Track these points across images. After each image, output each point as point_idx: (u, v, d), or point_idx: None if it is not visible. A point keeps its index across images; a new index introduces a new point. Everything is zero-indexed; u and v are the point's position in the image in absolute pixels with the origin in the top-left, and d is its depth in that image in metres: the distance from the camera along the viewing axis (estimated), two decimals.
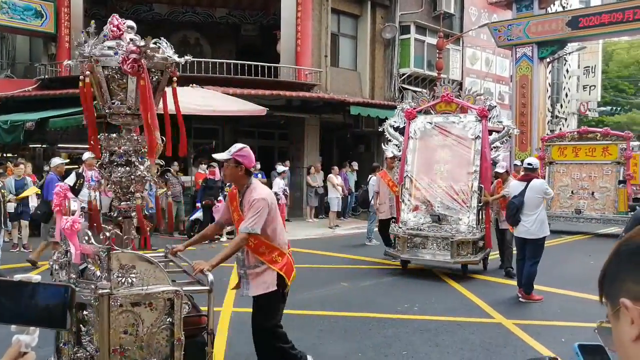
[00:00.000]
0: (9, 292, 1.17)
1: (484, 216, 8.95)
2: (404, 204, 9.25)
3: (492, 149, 9.22)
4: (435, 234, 8.64)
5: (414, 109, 9.80)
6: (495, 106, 9.30)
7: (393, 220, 9.60)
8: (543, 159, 14.57)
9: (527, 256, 7.25)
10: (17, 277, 1.18)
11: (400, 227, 8.97)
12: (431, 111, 9.95)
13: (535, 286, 7.51)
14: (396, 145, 10.07)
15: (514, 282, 8.20)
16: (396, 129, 10.13)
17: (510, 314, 6.58)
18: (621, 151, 13.63)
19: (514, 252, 7.89)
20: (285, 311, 6.68)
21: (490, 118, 9.16)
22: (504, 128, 9.43)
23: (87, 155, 10.13)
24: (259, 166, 15.40)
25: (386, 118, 10.99)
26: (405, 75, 19.81)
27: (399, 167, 9.82)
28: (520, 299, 7.27)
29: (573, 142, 14.44)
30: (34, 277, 1.20)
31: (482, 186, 8.79)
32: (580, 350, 0.97)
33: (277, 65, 16.27)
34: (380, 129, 10.54)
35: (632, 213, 13.16)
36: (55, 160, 9.72)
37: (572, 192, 14.15)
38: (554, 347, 5.33)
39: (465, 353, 5.23)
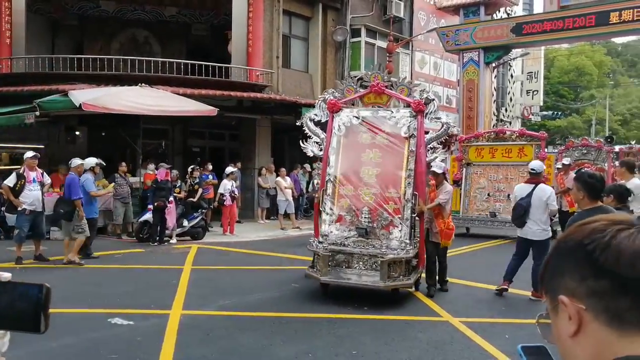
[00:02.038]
0: None
1: (417, 229, 7.47)
2: (325, 213, 7.68)
3: (428, 150, 7.83)
4: (361, 250, 7.27)
5: (339, 100, 8.24)
6: (433, 99, 7.90)
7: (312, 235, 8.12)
8: (460, 160, 14.25)
9: (534, 256, 7.40)
10: None
11: (321, 242, 7.48)
12: (359, 103, 8.63)
13: (481, 285, 7.75)
14: (317, 142, 8.34)
15: (463, 282, 8.42)
16: (317, 123, 8.46)
17: (458, 312, 6.73)
18: (536, 152, 13.11)
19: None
20: (236, 313, 6.61)
21: (427, 113, 7.75)
22: (442, 126, 8.04)
23: (28, 155, 9.81)
24: (210, 167, 15.25)
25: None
26: (356, 78, 19.97)
27: (320, 169, 8.21)
28: (531, 298, 7.32)
29: (489, 143, 14.03)
30: (4, 274, 1.10)
31: (417, 194, 7.37)
32: (523, 351, 0.99)
33: (228, 65, 16.09)
34: (298, 123, 8.70)
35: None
36: (76, 161, 9.96)
37: (488, 194, 13.64)
38: (499, 343, 5.51)
39: (414, 351, 5.33)
